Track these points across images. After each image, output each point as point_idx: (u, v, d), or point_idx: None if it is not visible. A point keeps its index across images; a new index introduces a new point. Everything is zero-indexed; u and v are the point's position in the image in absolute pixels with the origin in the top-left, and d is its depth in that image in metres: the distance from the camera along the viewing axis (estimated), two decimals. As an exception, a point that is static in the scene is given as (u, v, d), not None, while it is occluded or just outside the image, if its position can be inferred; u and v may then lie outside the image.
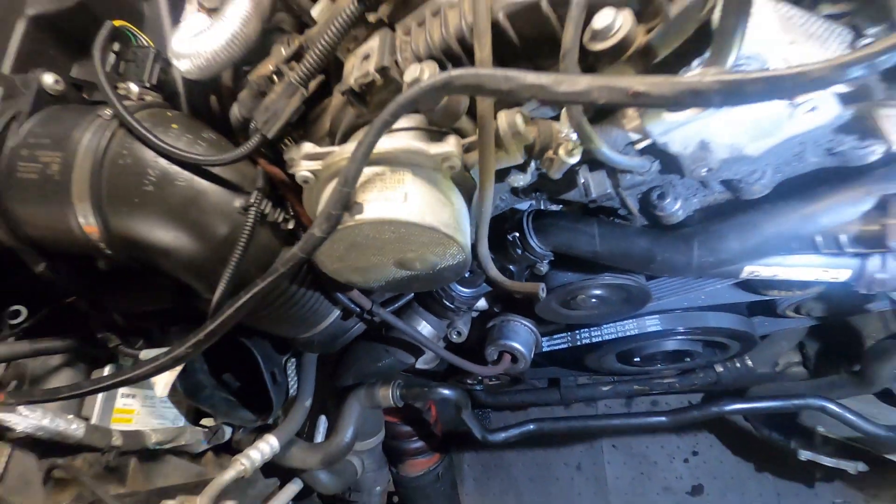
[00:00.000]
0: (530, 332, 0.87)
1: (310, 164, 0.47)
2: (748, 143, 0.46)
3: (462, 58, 0.43)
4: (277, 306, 0.60)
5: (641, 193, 0.57)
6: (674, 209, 0.56)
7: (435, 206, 0.45)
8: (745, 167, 0.50)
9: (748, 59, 0.43)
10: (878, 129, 0.41)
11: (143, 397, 0.76)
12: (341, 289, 0.64)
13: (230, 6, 0.52)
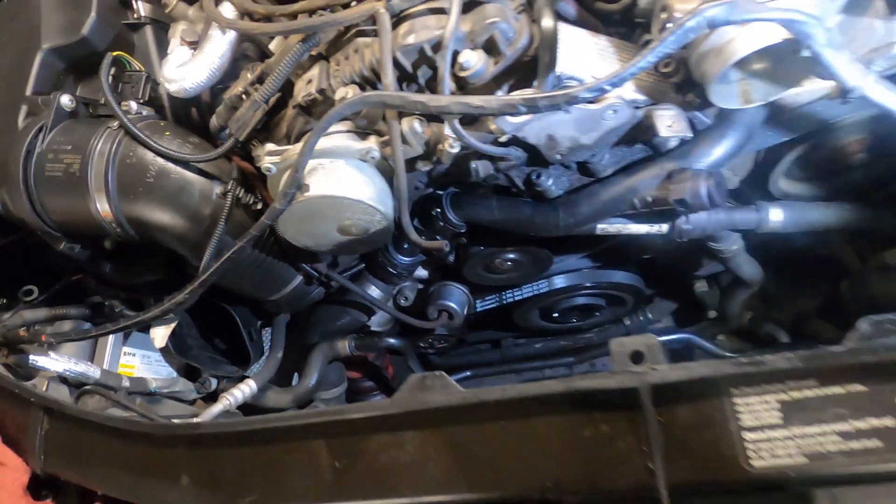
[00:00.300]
0: (463, 294, 1.07)
1: (271, 159, 0.65)
2: (582, 136, 0.67)
3: (375, 82, 0.62)
4: (250, 270, 0.78)
5: (525, 174, 0.77)
6: (548, 185, 0.76)
7: (362, 185, 0.64)
8: (586, 152, 0.71)
9: (570, 78, 0.63)
10: (653, 126, 0.62)
11: (141, 356, 0.93)
12: (302, 258, 0.83)
13: (208, 43, 0.70)
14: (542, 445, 0.40)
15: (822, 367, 0.36)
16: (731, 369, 0.37)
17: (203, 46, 0.71)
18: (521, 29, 0.58)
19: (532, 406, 0.40)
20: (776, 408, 0.37)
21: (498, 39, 0.58)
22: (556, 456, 0.40)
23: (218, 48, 0.70)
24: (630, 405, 0.38)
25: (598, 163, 0.73)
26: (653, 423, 0.37)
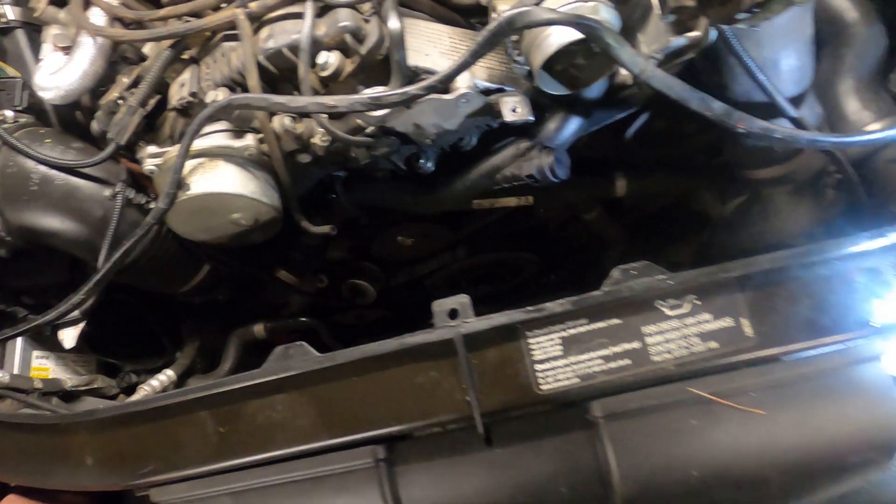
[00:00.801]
0: (375, 271, 1.14)
1: (153, 161, 0.69)
2: (444, 122, 0.74)
3: (244, 84, 0.67)
4: (152, 266, 0.81)
5: (405, 157, 0.84)
6: (427, 166, 0.84)
7: (242, 180, 0.69)
8: (453, 136, 0.78)
9: (427, 72, 0.70)
10: (500, 111, 0.70)
11: (55, 358, 0.95)
12: (205, 250, 0.87)
13: (79, 50, 0.72)
14: (386, 393, 0.49)
15: (588, 308, 0.47)
16: (523, 316, 0.47)
17: (75, 53, 0.72)
18: (373, 30, 0.65)
19: (374, 363, 0.49)
20: (558, 343, 0.47)
21: (351, 41, 0.64)
22: (397, 400, 0.48)
23: (89, 55, 0.72)
24: (449, 353, 0.47)
25: (469, 143, 0.81)
26: (466, 365, 0.47)
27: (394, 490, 0.50)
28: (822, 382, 0.45)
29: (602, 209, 0.96)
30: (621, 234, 1.01)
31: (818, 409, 0.46)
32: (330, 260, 1.14)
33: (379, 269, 1.15)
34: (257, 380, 0.51)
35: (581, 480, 0.49)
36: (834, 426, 0.46)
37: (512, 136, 0.77)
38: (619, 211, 1.09)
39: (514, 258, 1.19)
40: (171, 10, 0.68)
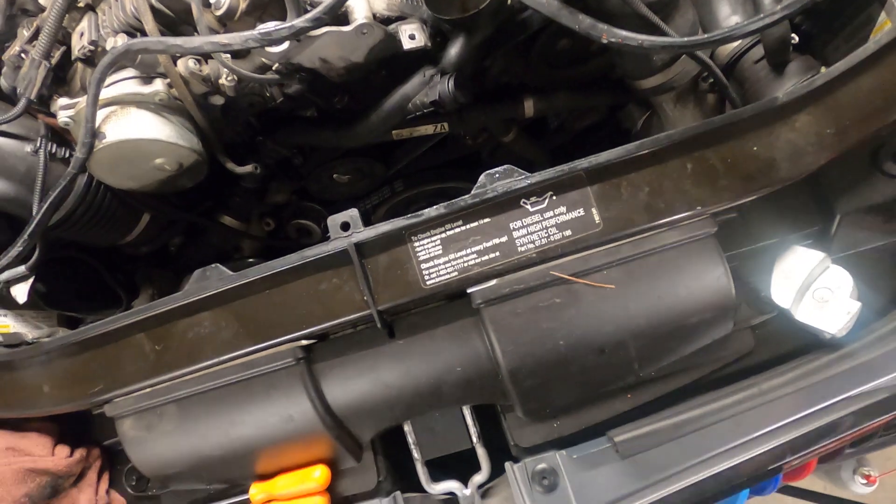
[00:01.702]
0: (316, 210, 1.19)
1: (66, 112, 0.71)
2: (350, 55, 0.77)
3: (142, 30, 0.68)
4: (90, 219, 0.85)
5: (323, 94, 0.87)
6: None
7: (156, 125, 0.72)
8: (363, 69, 0.81)
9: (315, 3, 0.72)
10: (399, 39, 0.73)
11: (14, 315, 1.00)
12: (142, 199, 0.90)
13: (-30, 5, 0.71)
14: (296, 301, 0.56)
15: (460, 211, 0.53)
16: (406, 222, 0.53)
17: (-32, 8, 0.72)
18: (262, -35, 0.66)
19: (282, 276, 0.55)
20: (438, 244, 0.54)
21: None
22: (307, 306, 0.55)
23: (-18, 9, 0.71)
24: (345, 261, 0.54)
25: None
26: (360, 270, 0.53)
27: (315, 384, 0.58)
28: (661, 257, 0.53)
29: (520, 131, 1.01)
30: (543, 155, 1.07)
31: (660, 280, 0.54)
32: (273, 203, 1.18)
33: (321, 209, 1.20)
34: (182, 301, 0.57)
35: (472, 359, 0.58)
36: (675, 293, 0.54)
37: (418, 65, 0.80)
38: (545, 134, 1.14)
39: (451, 188, 1.24)
40: (58, -43, 0.68)
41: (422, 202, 1.31)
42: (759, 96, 0.72)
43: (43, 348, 0.62)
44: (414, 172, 1.21)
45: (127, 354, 0.59)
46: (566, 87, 0.90)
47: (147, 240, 0.99)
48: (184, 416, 0.59)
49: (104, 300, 1.07)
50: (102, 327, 0.60)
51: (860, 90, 0.51)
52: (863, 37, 0.81)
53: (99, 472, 0.70)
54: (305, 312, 0.55)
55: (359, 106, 0.87)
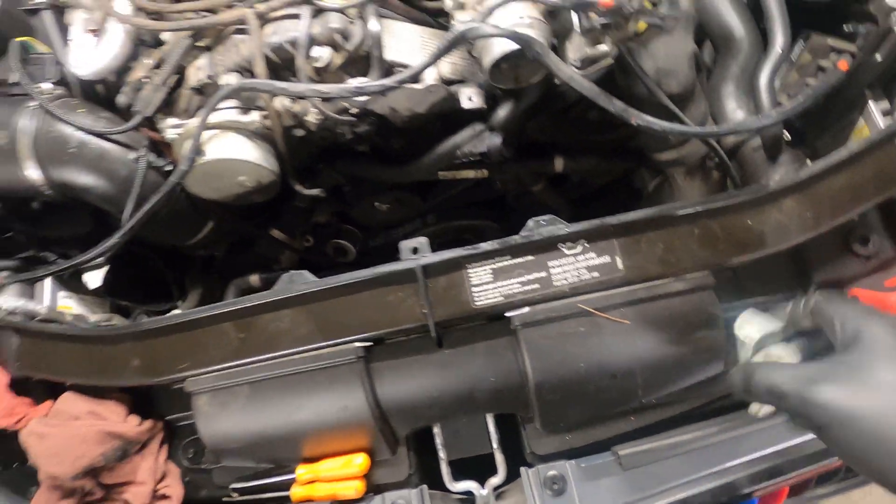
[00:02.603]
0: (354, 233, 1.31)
1: (175, 130, 0.84)
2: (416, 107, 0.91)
3: (250, 70, 0.82)
4: (167, 221, 0.97)
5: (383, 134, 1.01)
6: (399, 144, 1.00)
7: (249, 148, 0.85)
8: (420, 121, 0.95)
9: (400, 65, 0.87)
10: (458, 99, 0.87)
11: (77, 299, 1.10)
12: (211, 208, 1.02)
13: (108, 34, 0.85)
14: (364, 308, 0.67)
15: (510, 247, 0.65)
16: (464, 252, 0.66)
17: (104, 36, 0.86)
18: (357, 31, 0.80)
19: (356, 286, 0.67)
20: (489, 272, 0.66)
21: (339, 39, 0.79)
22: (372, 313, 0.67)
23: (118, 39, 0.85)
24: (411, 279, 0.66)
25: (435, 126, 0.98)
26: (423, 288, 0.65)
27: (370, 380, 0.69)
28: (669, 302, 0.66)
29: (548, 184, 1.14)
30: (564, 204, 1.20)
31: (667, 321, 0.66)
32: (316, 222, 1.31)
33: (358, 232, 1.32)
34: (269, 298, 0.68)
35: (505, 372, 0.69)
36: (677, 334, 0.66)
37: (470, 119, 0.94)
38: (567, 186, 1.28)
39: (476, 225, 1.37)
40: (189, 6, 0.82)
41: (449, 236, 1.44)
42: (755, 178, 0.86)
43: (139, 327, 0.73)
44: (445, 208, 1.34)
45: (213, 339, 0.70)
46: (592, 149, 1.04)
47: (206, 244, 1.10)
48: (254, 397, 0.69)
49: (156, 294, 1.18)
50: (196, 314, 0.71)
51: (834, 186, 0.65)
52: (846, 135, 0.96)
53: (160, 443, 0.80)
54: (370, 318, 0.67)
55: (412, 147, 1.01)
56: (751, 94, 0.86)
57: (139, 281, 1.15)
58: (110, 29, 0.86)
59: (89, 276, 1.04)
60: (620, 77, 0.82)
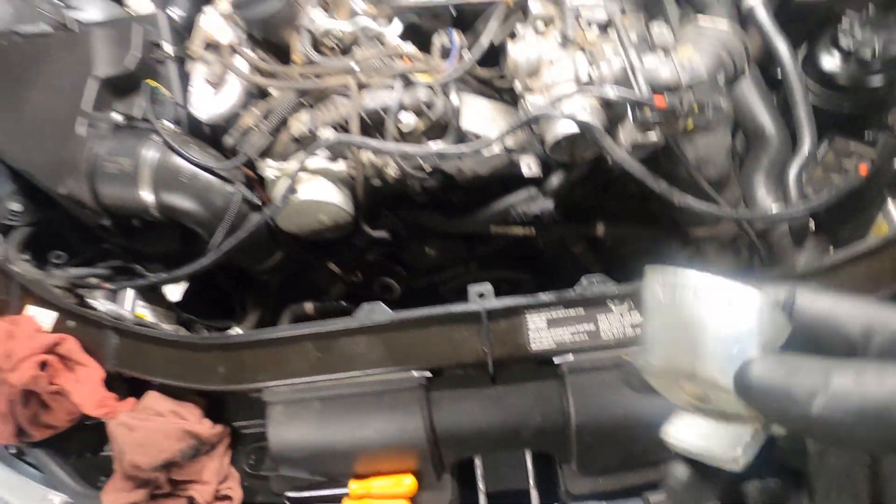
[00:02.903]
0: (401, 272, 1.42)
1: (273, 171, 0.97)
2: (481, 169, 1.03)
3: (346, 127, 0.96)
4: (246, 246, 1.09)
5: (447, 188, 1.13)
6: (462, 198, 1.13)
7: (334, 192, 0.97)
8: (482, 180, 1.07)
9: (474, 134, 1.00)
10: (519, 166, 1.00)
11: (150, 309, 1.21)
12: (285, 239, 1.14)
13: (226, 86, 1.01)
14: (432, 341, 0.76)
15: (565, 300, 0.75)
16: (524, 301, 0.75)
17: (223, 88, 1.01)
18: (440, 102, 0.94)
19: (427, 320, 0.77)
20: (545, 320, 0.75)
21: (424, 108, 0.93)
22: (437, 346, 0.76)
23: (235, 91, 1.01)
24: (476, 320, 0.75)
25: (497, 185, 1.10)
26: (486, 328, 0.75)
27: (429, 407, 0.78)
28: (702, 363, 0.74)
29: (587, 245, 1.25)
30: (599, 264, 1.30)
31: (699, 379, 0.74)
32: (367, 260, 1.42)
33: (405, 273, 1.43)
34: (349, 325, 0.78)
35: (550, 413, 0.77)
36: (709, 392, 0.74)
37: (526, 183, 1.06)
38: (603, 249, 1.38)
39: (514, 276, 1.47)
40: (300, 70, 0.97)
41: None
42: (782, 259, 0.95)
43: (228, 339, 0.83)
44: (487, 259, 1.45)
45: (295, 355, 0.79)
46: (631, 218, 1.15)
47: (272, 270, 1.22)
48: (323, 412, 0.78)
49: (220, 311, 1.28)
50: (283, 332, 0.81)
51: (854, 273, 0.74)
52: (867, 228, 1.06)
53: (226, 447, 0.88)
54: (435, 351, 0.76)
55: (469, 202, 1.13)
56: (779, 183, 0.97)
57: (209, 298, 1.26)
58: (229, 82, 1.02)
59: (168, 289, 1.15)
60: (665, 161, 0.93)
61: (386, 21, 1.00)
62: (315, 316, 1.36)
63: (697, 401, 0.30)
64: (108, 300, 1.09)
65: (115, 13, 1.19)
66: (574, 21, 0.92)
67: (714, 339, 0.27)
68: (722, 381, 0.27)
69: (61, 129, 1.01)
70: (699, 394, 0.29)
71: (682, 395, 0.30)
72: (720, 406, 0.28)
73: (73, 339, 0.88)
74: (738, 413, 0.28)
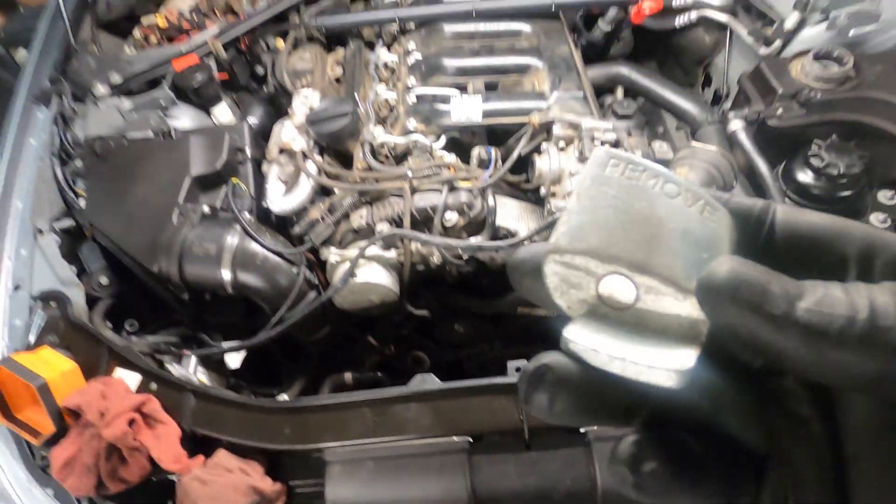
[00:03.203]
0: (432, 348, 1.55)
1: (335, 257, 1.14)
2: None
3: (399, 222, 1.14)
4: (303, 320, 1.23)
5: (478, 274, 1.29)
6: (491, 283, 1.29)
7: (385, 276, 1.13)
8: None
9: (507, 230, 1.17)
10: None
11: (206, 373, 1.33)
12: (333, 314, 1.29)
13: (298, 187, 1.21)
14: (475, 410, 0.89)
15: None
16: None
17: (296, 187, 1.21)
18: (478, 204, 1.13)
19: (472, 390, 0.90)
20: (572, 394, 0.87)
21: (465, 208, 1.12)
22: (480, 414, 0.88)
23: (306, 189, 1.21)
24: (514, 391, 0.88)
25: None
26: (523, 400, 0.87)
27: (471, 470, 0.88)
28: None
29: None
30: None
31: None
32: (401, 335, 1.56)
33: (435, 347, 1.55)
34: (402, 392, 0.91)
35: (579, 478, 0.87)
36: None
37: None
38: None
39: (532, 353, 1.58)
40: (363, 175, 1.18)
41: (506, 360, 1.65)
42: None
43: (293, 403, 0.95)
44: (510, 336, 1.58)
45: (354, 419, 0.91)
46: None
47: (319, 342, 1.35)
48: (377, 471, 0.89)
49: (266, 377, 1.40)
50: (343, 398, 0.93)
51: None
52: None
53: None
54: (478, 418, 0.88)
55: (497, 286, 1.28)
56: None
57: (255, 366, 1.39)
58: (301, 181, 1.22)
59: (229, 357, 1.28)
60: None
61: (434, 136, 1.21)
62: (353, 385, 1.48)
63: (609, 304, 0.23)
64: (176, 364, 1.22)
65: (205, 122, 1.43)
66: (589, 141, 1.12)
67: (682, 238, 0.23)
68: (681, 277, 0.22)
69: (159, 217, 1.20)
70: (621, 295, 0.23)
71: (587, 294, 0.24)
72: (649, 312, 0.23)
73: (156, 399, 1.00)
74: (673, 324, 0.22)
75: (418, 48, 1.37)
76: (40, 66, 1.55)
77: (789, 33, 1.26)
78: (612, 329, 0.23)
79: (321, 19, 1.43)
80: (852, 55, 1.15)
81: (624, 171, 0.24)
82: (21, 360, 1.03)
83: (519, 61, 1.29)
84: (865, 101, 1.12)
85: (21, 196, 1.34)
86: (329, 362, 1.51)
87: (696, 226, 0.23)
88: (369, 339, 1.44)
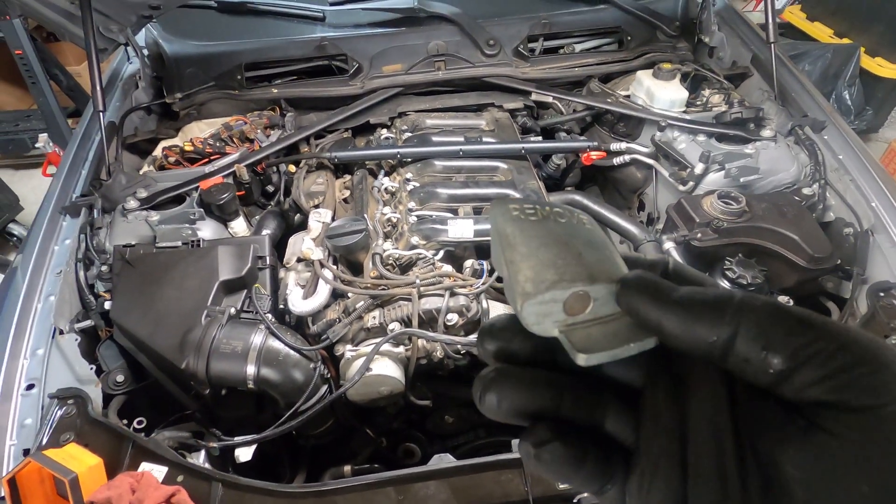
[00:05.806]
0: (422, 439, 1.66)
1: (350, 353, 1.31)
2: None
3: (409, 323, 1.34)
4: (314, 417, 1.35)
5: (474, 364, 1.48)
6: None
7: (396, 369, 1.30)
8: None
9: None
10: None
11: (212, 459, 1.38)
12: (342, 408, 1.41)
13: (316, 294, 1.39)
14: (486, 483, 1.04)
15: (579, 451, 1.07)
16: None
17: (314, 291, 1.40)
18: (474, 306, 1.36)
19: (483, 466, 1.06)
20: (566, 466, 1.06)
21: (464, 310, 1.34)
22: (490, 487, 1.04)
23: (323, 293, 1.40)
24: (520, 465, 1.05)
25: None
26: (527, 474, 1.04)
27: (483, 541, 1.02)
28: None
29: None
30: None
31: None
32: (391, 427, 1.67)
33: (425, 439, 1.67)
34: (422, 469, 1.06)
35: (574, 543, 1.02)
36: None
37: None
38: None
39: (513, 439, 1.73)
40: (373, 282, 1.39)
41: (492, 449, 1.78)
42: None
43: (319, 486, 1.06)
44: (495, 425, 1.73)
45: (378, 498, 1.04)
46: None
47: (321, 435, 1.45)
48: (401, 547, 1.00)
49: (264, 471, 1.45)
50: (371, 478, 1.06)
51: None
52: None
53: (306, 590, 1.03)
54: (488, 491, 1.04)
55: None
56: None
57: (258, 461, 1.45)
58: (319, 286, 1.41)
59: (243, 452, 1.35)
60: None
61: (434, 250, 1.46)
62: (350, 477, 1.54)
63: (575, 316, 0.29)
64: (196, 455, 1.28)
65: (223, 233, 1.63)
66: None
67: (588, 246, 0.29)
68: (612, 273, 0.29)
69: (187, 318, 1.33)
70: (579, 307, 0.29)
71: (557, 316, 0.29)
72: (600, 315, 0.29)
73: (184, 490, 1.08)
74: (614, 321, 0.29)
75: (414, 178, 1.67)
76: (67, 182, 1.72)
77: (699, 177, 1.67)
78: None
79: (335, 152, 1.72)
80: (744, 196, 1.55)
81: (523, 211, 0.30)
82: (51, 455, 1.09)
83: (499, 192, 1.61)
84: (758, 230, 1.50)
85: (42, 298, 1.44)
86: (322, 455, 1.59)
87: (586, 234, 0.31)
88: (367, 431, 1.55)
